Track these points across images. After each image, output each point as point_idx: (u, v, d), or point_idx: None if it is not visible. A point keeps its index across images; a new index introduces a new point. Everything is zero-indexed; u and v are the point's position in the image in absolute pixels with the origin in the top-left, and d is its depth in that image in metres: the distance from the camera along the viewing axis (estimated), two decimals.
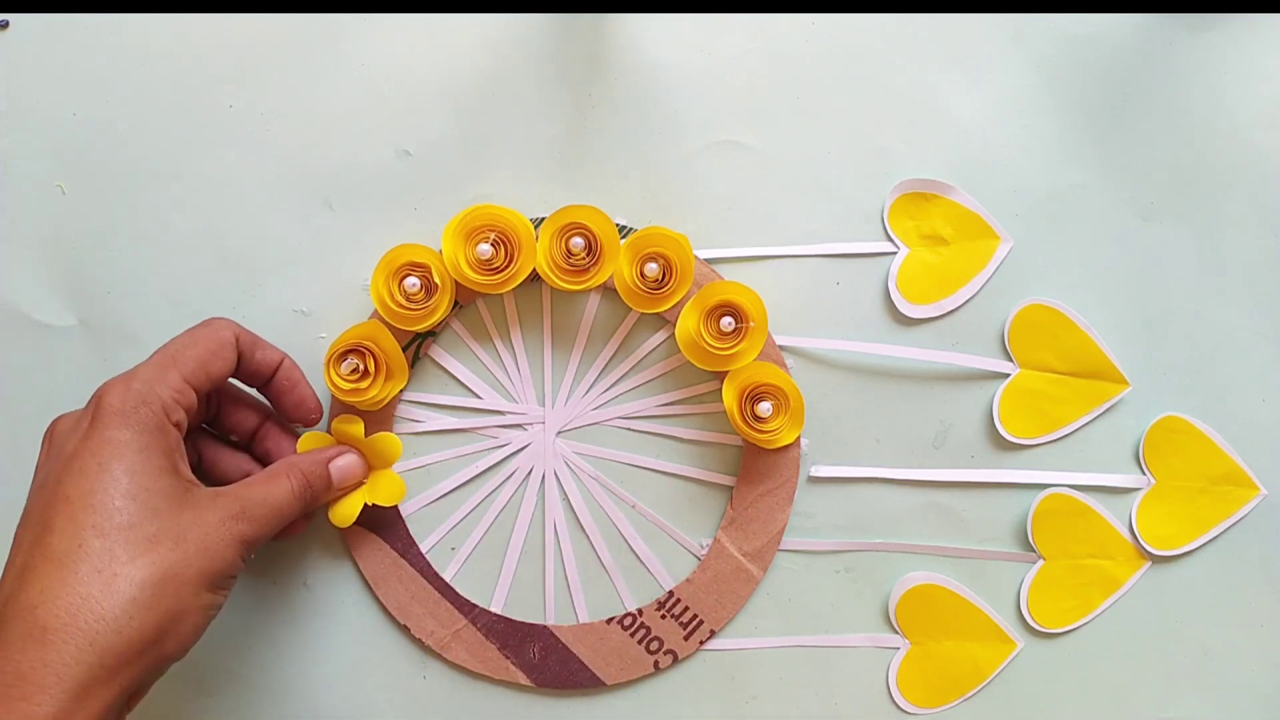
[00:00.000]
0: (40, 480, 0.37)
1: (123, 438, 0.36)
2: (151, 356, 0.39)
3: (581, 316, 0.46)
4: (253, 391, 0.45)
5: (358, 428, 0.45)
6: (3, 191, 0.46)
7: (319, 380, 0.45)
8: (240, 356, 0.41)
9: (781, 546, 0.46)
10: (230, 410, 0.44)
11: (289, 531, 0.43)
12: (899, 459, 0.47)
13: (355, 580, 0.46)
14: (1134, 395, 0.47)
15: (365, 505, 0.44)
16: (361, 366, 0.44)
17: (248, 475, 0.42)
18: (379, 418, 0.46)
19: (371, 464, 0.45)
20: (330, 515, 0.44)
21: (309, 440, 0.44)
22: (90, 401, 0.38)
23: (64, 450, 0.37)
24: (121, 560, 0.35)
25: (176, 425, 0.38)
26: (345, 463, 0.43)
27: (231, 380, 0.43)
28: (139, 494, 0.36)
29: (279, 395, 0.43)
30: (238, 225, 0.46)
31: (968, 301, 0.46)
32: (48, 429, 0.39)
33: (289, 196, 0.46)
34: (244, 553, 0.38)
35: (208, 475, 0.43)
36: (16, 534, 0.37)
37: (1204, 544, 0.47)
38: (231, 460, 0.44)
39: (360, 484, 0.44)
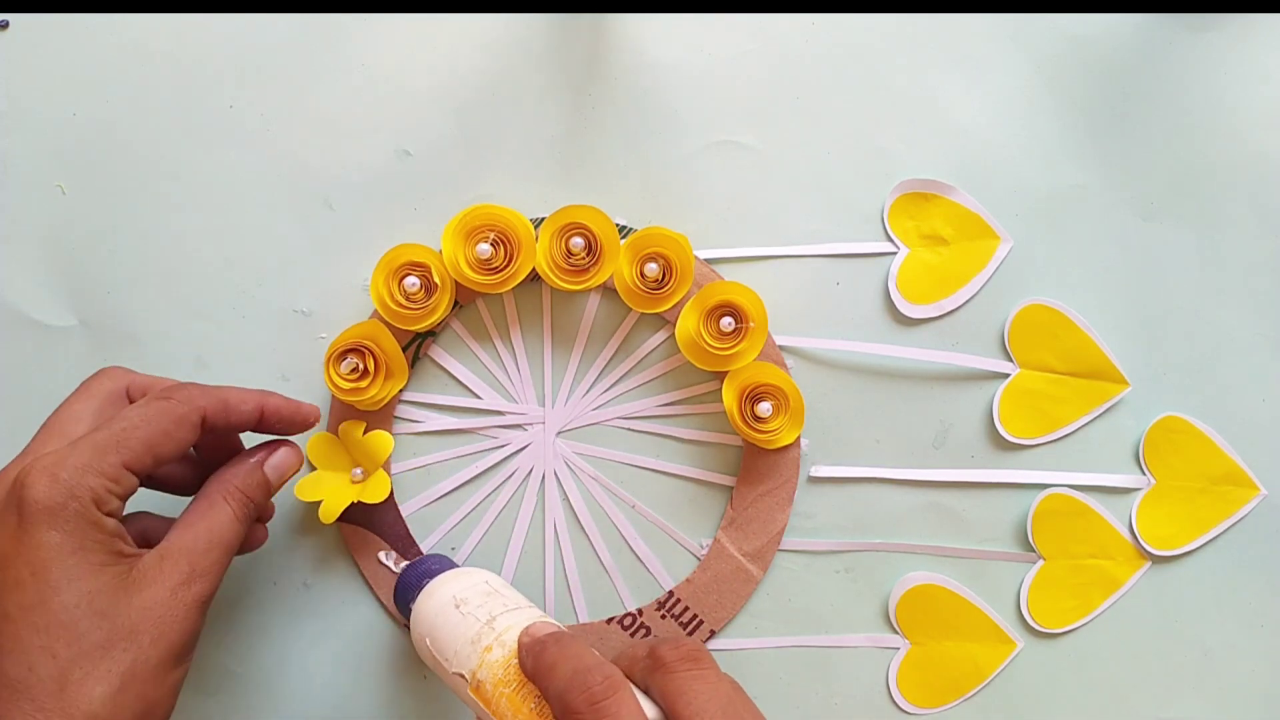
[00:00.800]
0: None
1: (53, 540, 0.33)
2: (95, 432, 0.35)
3: (581, 316, 0.46)
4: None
5: (358, 430, 0.45)
6: (3, 191, 0.46)
7: (319, 381, 0.45)
8: (213, 428, 0.38)
9: (781, 546, 0.46)
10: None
11: (248, 545, 0.41)
12: (899, 459, 0.47)
13: (355, 580, 0.46)
14: (1134, 395, 0.47)
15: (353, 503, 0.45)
16: (361, 366, 0.44)
17: (195, 481, 0.40)
18: (379, 418, 0.46)
19: (364, 465, 0.45)
20: (320, 513, 0.44)
21: (317, 443, 0.45)
22: (12, 486, 0.34)
23: None
24: (76, 679, 0.32)
25: (112, 514, 0.34)
26: (278, 460, 0.40)
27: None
28: (81, 599, 0.33)
29: (282, 429, 0.40)
30: (238, 225, 0.46)
31: (968, 301, 0.46)
32: None
33: (289, 196, 0.46)
34: (204, 610, 0.36)
35: (159, 486, 0.41)
36: None
37: (1204, 544, 0.47)
38: (177, 472, 0.41)
39: (297, 468, 0.42)
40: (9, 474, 0.35)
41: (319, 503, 0.44)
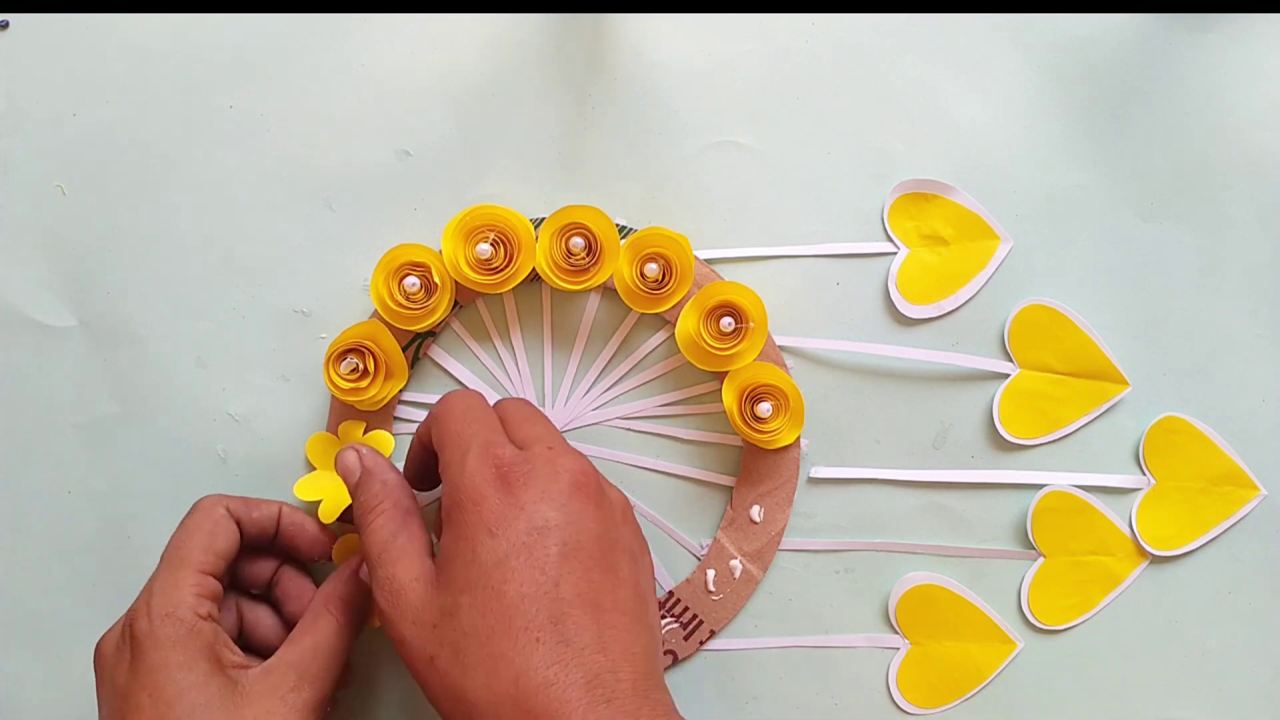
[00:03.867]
0: (104, 717, 0.38)
1: (160, 659, 0.36)
2: (160, 563, 0.40)
3: (581, 317, 0.46)
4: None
5: (358, 430, 0.45)
6: (3, 191, 0.46)
7: (319, 381, 0.45)
8: (239, 523, 0.41)
9: (781, 546, 0.46)
10: (242, 567, 0.43)
11: (340, 684, 0.42)
12: (899, 459, 0.47)
13: None
14: (1134, 395, 0.47)
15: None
16: (361, 366, 0.44)
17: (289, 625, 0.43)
18: (379, 418, 0.46)
19: None
20: (319, 513, 0.44)
21: (317, 443, 0.45)
22: (124, 628, 0.38)
23: (116, 684, 0.37)
24: None
25: (208, 617, 0.38)
26: None
27: None
28: (194, 712, 0.36)
29: (291, 542, 0.43)
30: (238, 225, 0.46)
31: (968, 301, 0.46)
32: (95, 654, 0.39)
33: (289, 196, 0.46)
34: (316, 715, 0.38)
35: (250, 636, 0.43)
36: None
37: (1204, 544, 0.47)
38: (269, 620, 0.43)
39: None
40: (126, 617, 0.39)
41: (319, 502, 0.44)
